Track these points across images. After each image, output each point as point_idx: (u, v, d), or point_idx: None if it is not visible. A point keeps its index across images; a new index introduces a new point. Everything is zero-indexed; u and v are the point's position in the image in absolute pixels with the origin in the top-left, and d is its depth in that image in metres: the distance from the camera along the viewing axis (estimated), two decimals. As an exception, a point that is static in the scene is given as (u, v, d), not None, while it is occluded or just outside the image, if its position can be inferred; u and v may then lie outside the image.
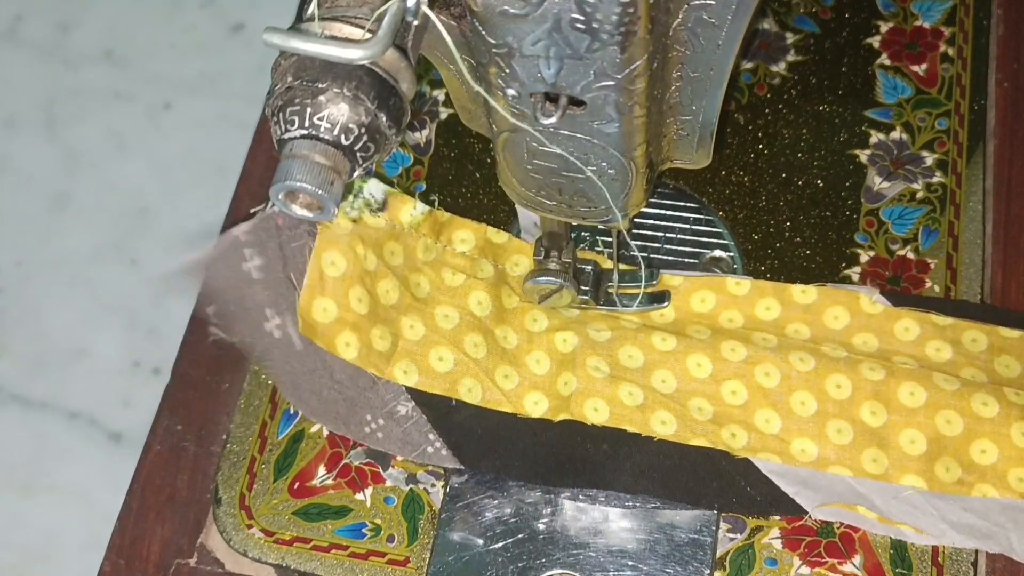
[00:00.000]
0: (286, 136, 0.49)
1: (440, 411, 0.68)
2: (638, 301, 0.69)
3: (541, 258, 0.66)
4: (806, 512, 0.64)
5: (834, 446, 0.66)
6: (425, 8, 0.48)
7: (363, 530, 0.67)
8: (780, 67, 0.77)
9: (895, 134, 0.74)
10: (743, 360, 0.67)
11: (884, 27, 0.77)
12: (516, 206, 0.66)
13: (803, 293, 0.69)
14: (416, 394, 0.68)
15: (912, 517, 0.64)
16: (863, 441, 0.66)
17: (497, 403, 0.68)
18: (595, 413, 0.67)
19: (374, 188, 0.70)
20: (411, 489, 0.68)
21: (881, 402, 0.66)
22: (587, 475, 0.66)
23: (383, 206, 0.70)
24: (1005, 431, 0.65)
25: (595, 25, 0.46)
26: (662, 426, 0.67)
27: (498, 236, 0.72)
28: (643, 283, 0.70)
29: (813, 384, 0.67)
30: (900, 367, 0.67)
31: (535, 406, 0.68)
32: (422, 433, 0.68)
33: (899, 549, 0.64)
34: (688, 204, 0.73)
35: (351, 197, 0.69)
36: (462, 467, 0.67)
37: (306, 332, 0.67)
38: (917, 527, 0.64)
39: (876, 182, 0.73)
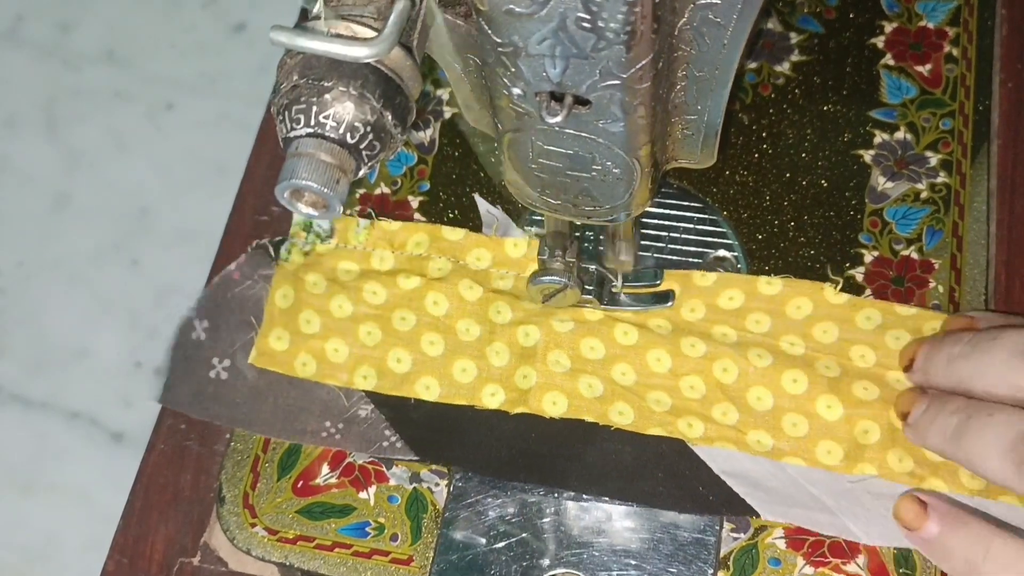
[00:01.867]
0: (292, 134, 0.49)
1: (399, 410, 0.69)
2: (642, 301, 0.69)
3: (545, 257, 0.66)
4: (757, 513, 0.65)
5: (789, 438, 0.67)
6: (432, 6, 0.48)
7: (366, 529, 0.67)
8: (784, 67, 0.77)
9: (899, 134, 0.74)
10: (702, 356, 0.68)
11: (888, 27, 0.77)
12: (476, 196, 0.70)
13: (768, 284, 0.70)
14: (375, 397, 0.70)
15: (859, 515, 0.65)
16: (817, 433, 0.66)
17: (453, 397, 0.69)
18: (553, 407, 0.68)
19: (321, 220, 0.72)
20: (415, 488, 0.68)
21: (836, 396, 0.67)
22: (540, 472, 0.67)
23: (332, 233, 0.73)
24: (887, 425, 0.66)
25: (601, 24, 0.46)
26: (619, 416, 0.68)
27: (453, 233, 0.73)
28: (647, 282, 0.70)
29: (770, 380, 0.67)
30: (856, 365, 0.68)
31: (492, 398, 0.69)
32: (379, 430, 0.69)
33: (903, 549, 0.64)
34: (692, 204, 0.73)
35: (304, 234, 0.73)
36: (418, 458, 0.68)
37: (262, 363, 0.70)
38: (867, 525, 0.64)
39: (880, 182, 0.73)
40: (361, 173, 0.50)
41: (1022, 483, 0.58)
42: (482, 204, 0.74)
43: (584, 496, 0.67)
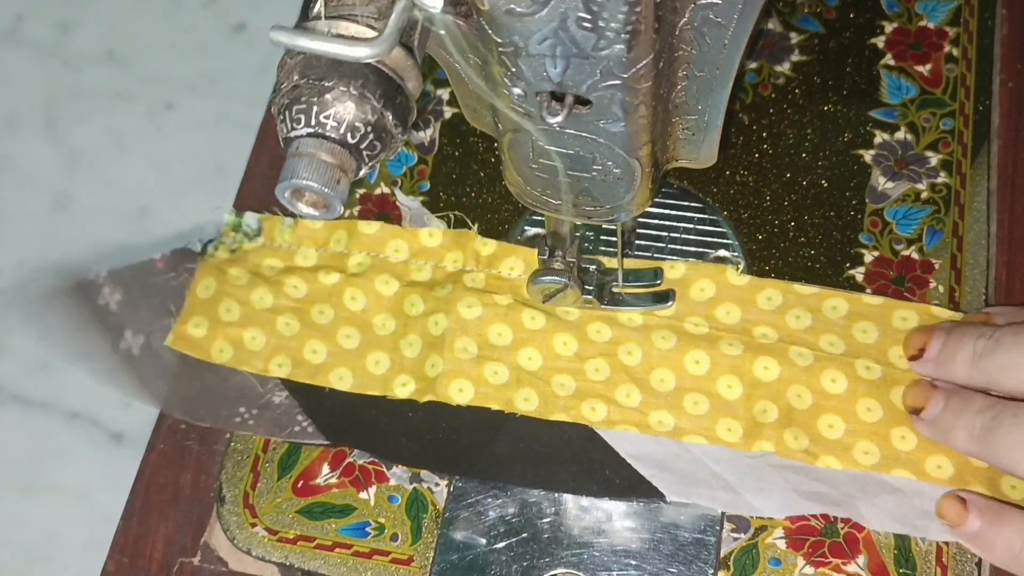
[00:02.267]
0: (292, 134, 0.49)
1: (312, 397, 0.70)
2: (642, 300, 0.69)
3: (546, 257, 0.66)
4: (663, 495, 0.66)
5: (690, 417, 0.67)
6: (432, 6, 0.48)
7: (367, 529, 0.67)
8: (784, 67, 0.77)
9: (899, 134, 0.74)
10: (607, 341, 0.69)
11: (888, 27, 0.77)
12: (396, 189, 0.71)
13: (672, 268, 0.70)
14: (289, 384, 0.70)
15: (761, 490, 0.65)
16: (718, 412, 0.67)
17: (366, 388, 0.70)
18: (460, 394, 0.69)
19: (249, 219, 0.74)
20: (415, 488, 0.68)
21: (737, 375, 0.67)
22: (447, 461, 0.68)
23: (259, 231, 0.74)
24: (852, 407, 0.66)
25: (602, 24, 0.46)
26: (524, 403, 0.68)
27: (369, 227, 0.74)
28: (647, 282, 0.70)
29: (674, 361, 0.68)
30: (757, 342, 0.68)
31: (403, 388, 0.69)
32: (291, 416, 0.70)
33: (903, 550, 0.64)
34: (692, 204, 0.73)
35: (231, 232, 0.74)
36: (328, 443, 0.69)
37: (179, 347, 0.71)
38: (766, 499, 0.65)
39: (880, 182, 0.73)
40: (362, 173, 0.50)
41: None
42: (401, 197, 0.75)
43: (584, 496, 0.67)
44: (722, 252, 0.72)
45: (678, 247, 0.72)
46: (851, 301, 0.69)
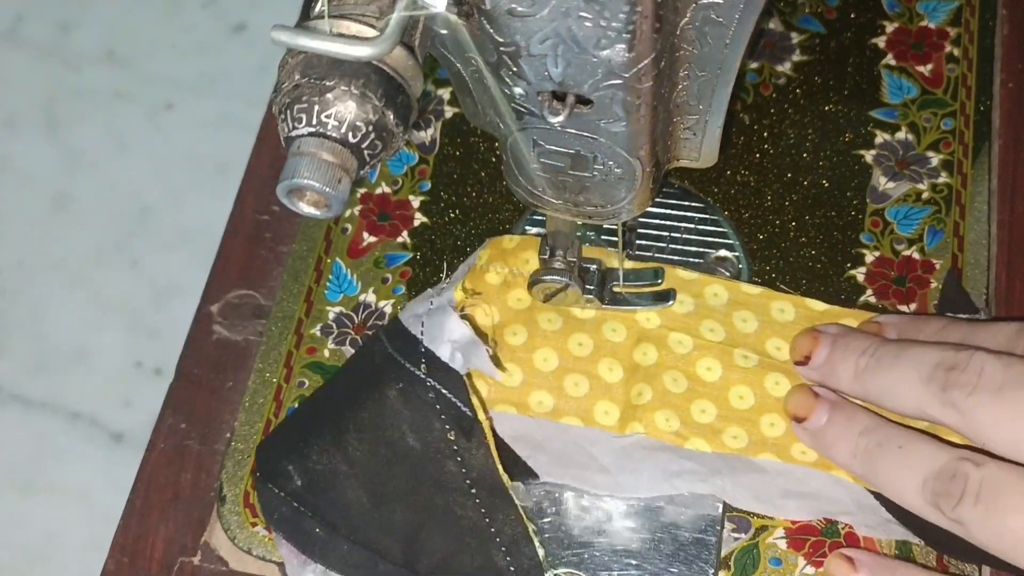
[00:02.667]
0: (293, 134, 0.49)
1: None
2: (642, 300, 0.69)
3: (547, 257, 0.66)
4: (536, 475, 0.66)
5: (569, 398, 0.67)
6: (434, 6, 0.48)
7: (368, 529, 0.67)
8: (785, 67, 0.77)
9: (900, 134, 0.74)
10: (496, 324, 0.69)
11: (889, 27, 0.77)
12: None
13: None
14: None
15: (633, 470, 0.66)
16: (596, 394, 0.67)
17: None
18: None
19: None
20: (415, 488, 0.68)
21: (617, 359, 0.68)
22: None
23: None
24: (724, 394, 0.67)
25: (603, 23, 0.46)
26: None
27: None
28: (648, 282, 0.70)
29: (557, 342, 0.69)
30: (640, 327, 0.69)
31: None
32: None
33: (903, 550, 0.64)
34: (693, 204, 0.73)
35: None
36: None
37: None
38: (636, 479, 0.65)
39: (881, 182, 0.73)
40: (363, 172, 0.50)
41: (939, 519, 0.58)
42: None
43: (585, 496, 0.66)
44: (723, 252, 0.72)
45: (679, 247, 0.72)
46: (730, 289, 0.70)
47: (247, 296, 0.74)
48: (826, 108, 0.76)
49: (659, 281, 0.70)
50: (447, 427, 0.64)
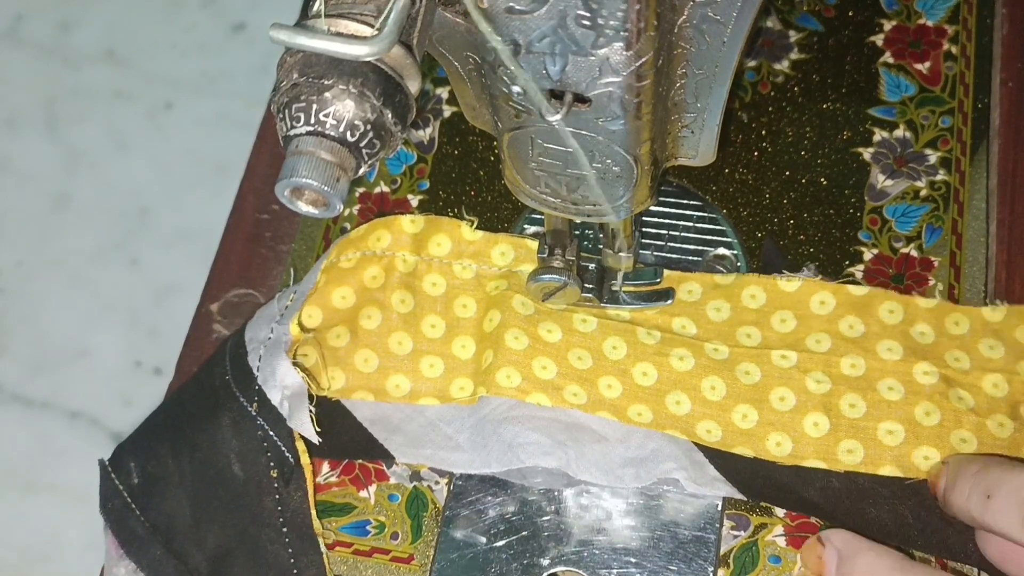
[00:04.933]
0: (291, 133, 0.49)
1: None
2: (641, 299, 0.70)
3: (545, 255, 0.66)
4: (393, 457, 0.67)
5: (425, 379, 0.69)
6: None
7: (367, 527, 0.67)
8: (784, 65, 0.77)
9: (899, 132, 0.74)
10: (350, 306, 0.70)
11: (888, 25, 0.77)
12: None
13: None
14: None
15: (484, 446, 0.67)
16: (452, 372, 0.69)
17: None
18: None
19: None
20: (415, 487, 0.68)
21: (472, 336, 0.70)
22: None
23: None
24: (564, 354, 0.67)
25: (600, 22, 0.46)
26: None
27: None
28: (647, 280, 0.70)
29: (409, 324, 0.70)
30: (489, 295, 0.70)
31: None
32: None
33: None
34: (692, 202, 0.73)
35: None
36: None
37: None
38: (487, 455, 0.66)
39: (880, 180, 0.73)
40: (361, 171, 0.50)
41: None
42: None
43: (584, 493, 0.67)
44: (721, 250, 0.72)
45: (678, 245, 0.72)
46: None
47: (247, 295, 0.74)
48: (824, 106, 0.76)
49: (658, 280, 0.70)
50: (271, 464, 0.66)
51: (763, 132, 0.75)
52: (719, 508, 0.66)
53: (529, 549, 0.65)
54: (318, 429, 0.66)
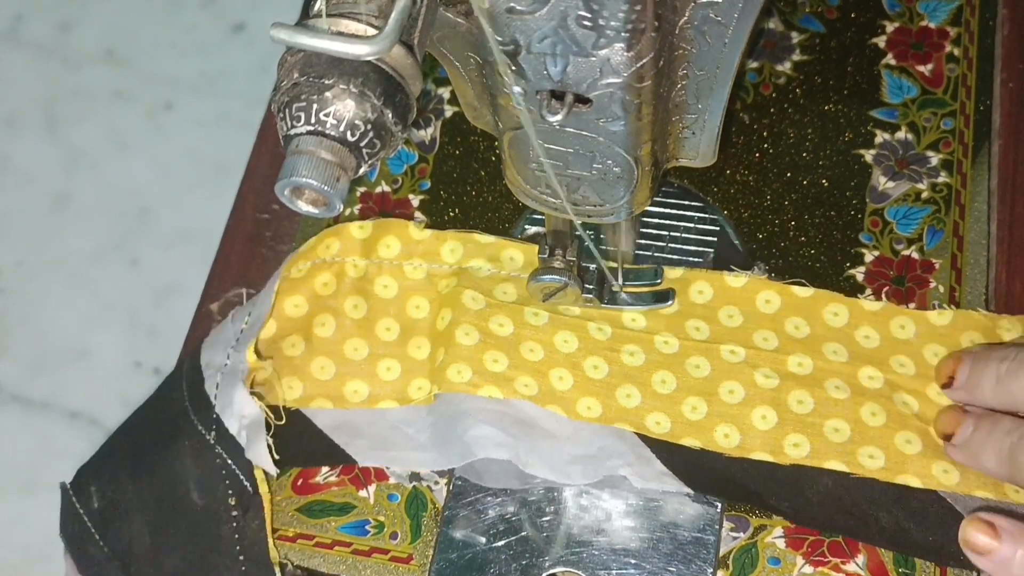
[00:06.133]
0: (292, 132, 0.49)
1: None
2: (642, 300, 0.69)
3: (546, 256, 0.66)
4: (355, 461, 0.68)
5: (382, 383, 0.70)
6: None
7: (366, 527, 0.67)
8: (785, 66, 0.77)
9: (900, 134, 0.74)
10: (303, 315, 0.71)
11: (890, 27, 0.77)
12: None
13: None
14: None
15: (443, 443, 0.67)
16: (409, 373, 0.70)
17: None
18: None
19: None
20: (414, 487, 0.68)
21: (427, 337, 0.70)
22: None
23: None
24: (516, 346, 0.68)
25: (601, 22, 0.46)
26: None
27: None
28: (647, 281, 0.70)
29: (365, 330, 0.70)
30: (442, 294, 0.71)
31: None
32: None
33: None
34: (693, 203, 0.73)
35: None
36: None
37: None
38: (448, 452, 0.67)
39: (881, 182, 0.73)
40: (361, 171, 0.50)
41: None
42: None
43: (584, 495, 0.67)
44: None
45: (678, 246, 0.72)
46: (526, 251, 0.71)
47: (247, 295, 0.74)
48: (826, 108, 0.75)
49: (659, 280, 0.70)
50: (230, 492, 0.66)
51: (764, 133, 0.75)
52: (719, 510, 0.66)
53: (528, 549, 0.65)
54: (276, 457, 0.67)
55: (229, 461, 0.66)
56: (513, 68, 0.49)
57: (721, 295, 0.69)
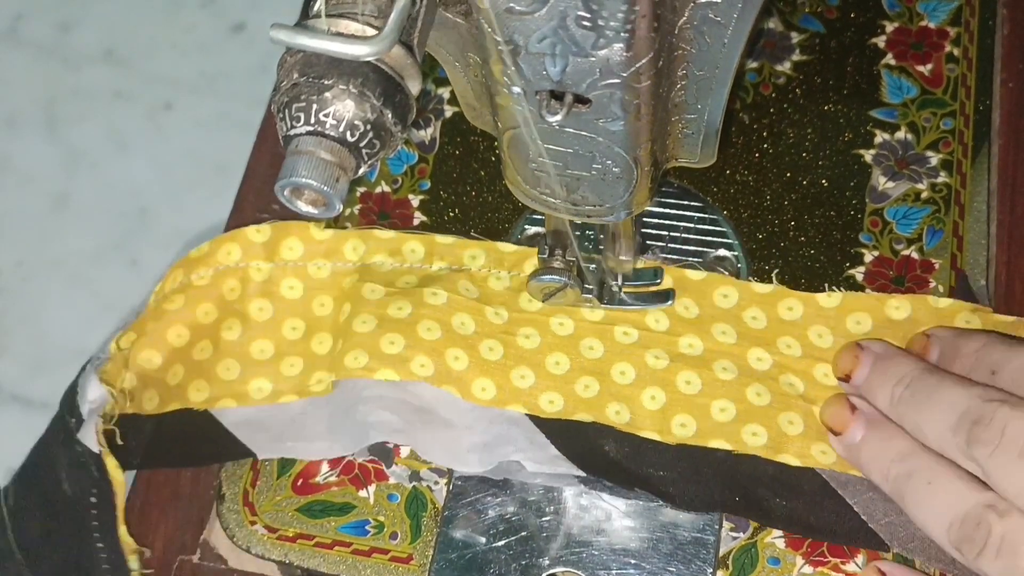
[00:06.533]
0: (291, 132, 0.49)
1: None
2: (642, 300, 0.69)
3: (546, 256, 0.66)
4: (255, 454, 0.69)
5: (285, 378, 0.71)
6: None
7: (366, 527, 0.67)
8: (785, 66, 0.77)
9: (900, 134, 0.74)
10: (214, 321, 0.72)
11: (889, 27, 0.77)
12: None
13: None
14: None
15: (341, 430, 0.68)
16: (310, 367, 0.70)
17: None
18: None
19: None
20: (414, 487, 0.68)
21: (329, 332, 0.71)
22: None
23: None
24: (413, 328, 0.68)
25: (601, 23, 0.46)
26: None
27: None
28: (647, 281, 0.70)
29: (270, 331, 0.71)
30: (313, 277, 0.72)
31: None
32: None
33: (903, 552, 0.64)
34: (692, 203, 0.73)
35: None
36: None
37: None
38: (349, 438, 0.68)
39: (881, 182, 0.73)
40: (361, 171, 0.50)
41: (964, 562, 0.58)
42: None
43: (583, 494, 0.67)
44: (722, 251, 0.72)
45: (678, 246, 0.72)
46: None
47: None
48: (826, 108, 0.76)
49: (659, 280, 0.70)
50: (91, 480, 0.67)
51: (764, 133, 0.75)
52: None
53: (528, 549, 0.65)
54: (120, 443, 0.68)
55: (89, 447, 0.67)
56: (512, 68, 0.49)
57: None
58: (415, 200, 0.75)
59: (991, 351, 0.62)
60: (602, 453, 0.66)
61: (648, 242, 0.71)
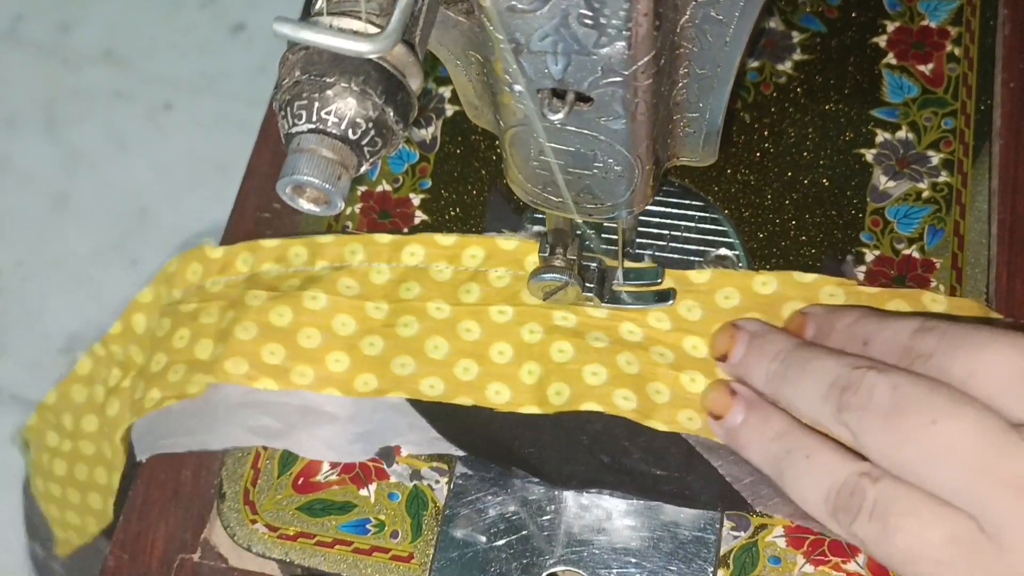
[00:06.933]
0: (293, 130, 0.49)
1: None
2: (642, 299, 0.69)
3: (547, 255, 0.66)
4: (139, 459, 0.70)
5: (169, 384, 0.70)
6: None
7: (367, 526, 0.67)
8: (786, 66, 0.77)
9: (901, 133, 0.74)
10: (190, 316, 0.73)
11: (891, 26, 0.77)
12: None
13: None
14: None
15: (220, 427, 0.69)
16: (191, 373, 0.71)
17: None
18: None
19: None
20: (415, 486, 0.68)
21: (209, 339, 0.71)
22: None
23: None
24: (294, 337, 0.70)
25: (603, 21, 0.46)
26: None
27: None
28: (648, 280, 0.70)
29: (202, 330, 0.72)
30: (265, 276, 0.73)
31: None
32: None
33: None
34: (693, 202, 0.73)
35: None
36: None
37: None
38: (222, 437, 0.69)
39: (882, 181, 0.73)
40: (363, 169, 0.50)
41: (841, 532, 0.58)
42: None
43: (584, 494, 0.67)
44: (723, 250, 0.72)
45: (679, 245, 0.72)
46: (308, 245, 0.73)
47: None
48: (827, 107, 0.76)
49: (659, 280, 0.70)
50: None
51: (765, 133, 0.75)
52: (719, 509, 0.66)
53: (529, 548, 0.65)
54: None
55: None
56: (514, 66, 0.49)
57: (493, 256, 0.72)
58: (416, 199, 0.75)
59: (863, 324, 0.63)
60: (482, 435, 0.67)
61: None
